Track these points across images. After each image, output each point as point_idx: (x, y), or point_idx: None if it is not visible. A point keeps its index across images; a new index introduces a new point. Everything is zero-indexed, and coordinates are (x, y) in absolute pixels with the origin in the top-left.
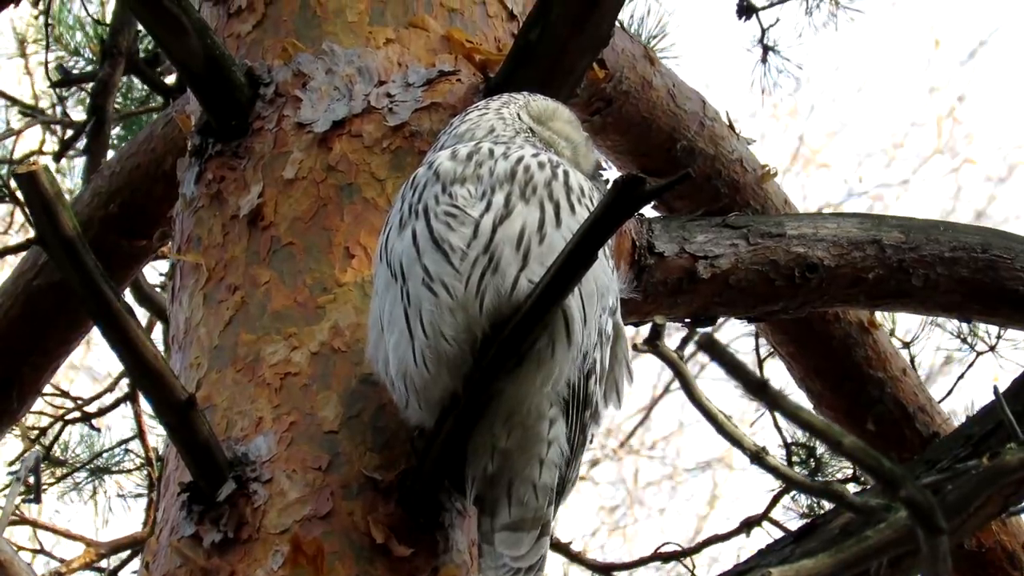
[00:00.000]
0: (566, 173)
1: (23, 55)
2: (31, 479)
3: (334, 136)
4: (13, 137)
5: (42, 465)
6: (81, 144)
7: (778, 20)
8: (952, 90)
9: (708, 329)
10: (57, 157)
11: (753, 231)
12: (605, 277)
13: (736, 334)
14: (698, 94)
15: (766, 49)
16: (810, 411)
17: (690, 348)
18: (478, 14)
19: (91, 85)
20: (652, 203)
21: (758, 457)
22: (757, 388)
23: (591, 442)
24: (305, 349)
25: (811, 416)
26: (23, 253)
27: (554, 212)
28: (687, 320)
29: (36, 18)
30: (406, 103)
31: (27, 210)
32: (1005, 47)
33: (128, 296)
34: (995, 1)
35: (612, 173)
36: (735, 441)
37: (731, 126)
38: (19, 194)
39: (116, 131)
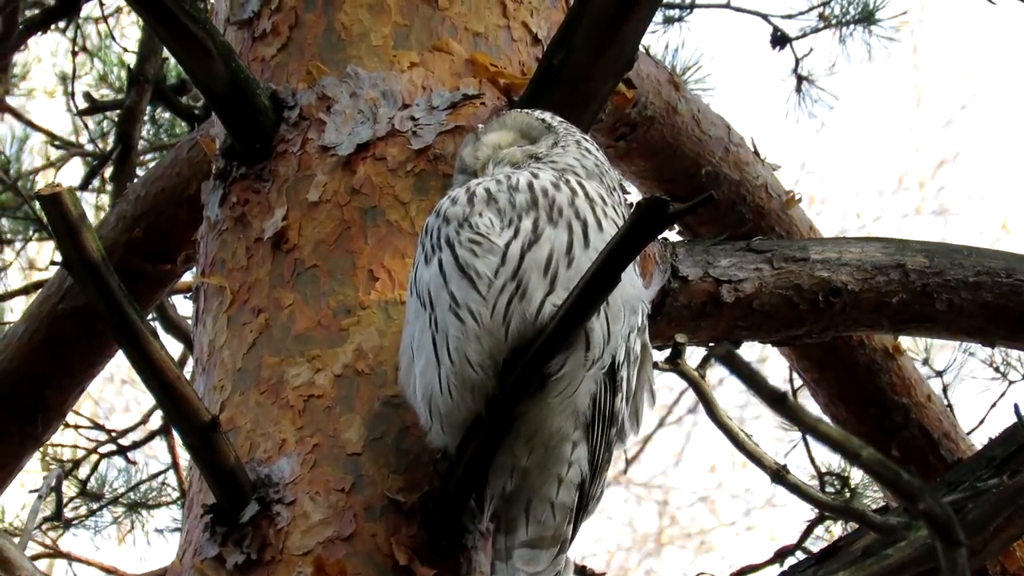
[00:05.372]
0: (582, 186)
1: (65, 90)
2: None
3: (358, 159)
4: (52, 171)
5: (78, 500)
6: (108, 172)
7: (811, 50)
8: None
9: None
10: (84, 185)
11: (777, 255)
12: (633, 294)
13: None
14: (723, 120)
15: (800, 79)
16: (829, 424)
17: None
18: (502, 38)
19: (118, 113)
20: (676, 227)
21: (779, 475)
22: (776, 401)
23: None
24: (328, 371)
25: (830, 429)
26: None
27: (582, 232)
28: (710, 344)
29: (73, 54)
30: (430, 126)
31: (52, 233)
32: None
33: (155, 324)
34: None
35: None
36: (756, 460)
37: (756, 152)
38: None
39: (150, 161)
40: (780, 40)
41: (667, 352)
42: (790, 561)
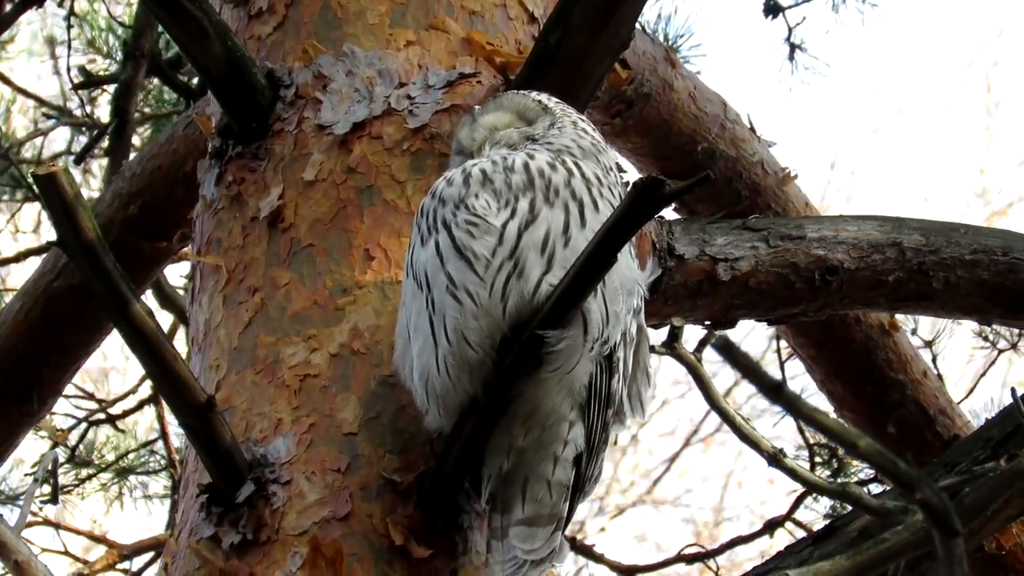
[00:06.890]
0: (579, 167)
1: (53, 56)
2: (49, 479)
3: (354, 138)
4: (41, 138)
5: (68, 466)
6: (104, 145)
7: (804, 18)
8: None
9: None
10: (79, 159)
11: (773, 234)
12: (630, 276)
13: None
14: (719, 96)
15: (793, 47)
16: (826, 413)
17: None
18: (499, 17)
19: (114, 87)
20: (673, 205)
21: (776, 459)
22: (773, 390)
23: (615, 443)
24: (324, 351)
25: (827, 418)
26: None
27: (579, 212)
28: (707, 323)
29: (66, 21)
30: (426, 105)
31: (47, 211)
32: None
33: (150, 298)
34: None
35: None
36: (753, 443)
37: (752, 128)
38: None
39: (146, 133)
40: (773, 9)
41: (664, 334)
42: (779, 533)
